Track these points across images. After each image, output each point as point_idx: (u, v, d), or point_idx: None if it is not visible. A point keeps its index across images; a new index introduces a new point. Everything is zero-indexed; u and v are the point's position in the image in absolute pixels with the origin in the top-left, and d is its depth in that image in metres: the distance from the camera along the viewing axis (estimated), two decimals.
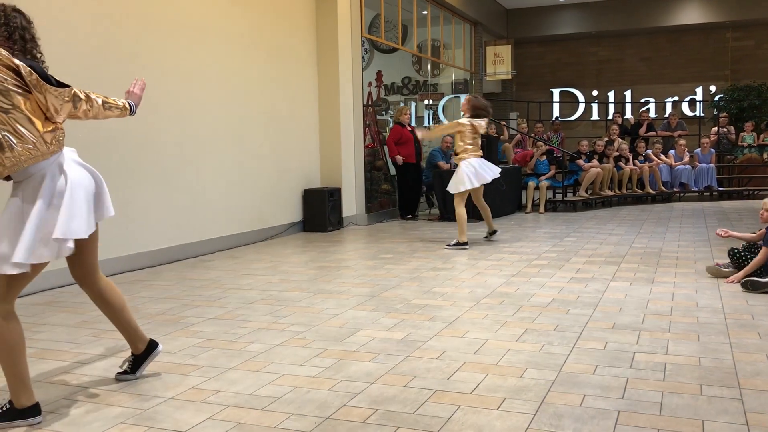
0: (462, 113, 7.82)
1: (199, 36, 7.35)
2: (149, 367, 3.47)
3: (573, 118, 17.99)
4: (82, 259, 3.15)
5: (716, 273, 5.59)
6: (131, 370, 3.39)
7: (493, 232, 8.04)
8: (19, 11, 2.95)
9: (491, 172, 7.61)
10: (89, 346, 3.97)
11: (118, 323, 3.33)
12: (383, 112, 13.67)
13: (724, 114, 14.74)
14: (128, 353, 3.50)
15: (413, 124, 11.08)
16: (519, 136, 13.44)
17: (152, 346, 3.43)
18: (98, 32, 6.11)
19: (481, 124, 7.63)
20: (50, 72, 2.90)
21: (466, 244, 7.47)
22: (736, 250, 5.53)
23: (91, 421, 2.87)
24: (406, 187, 10.69)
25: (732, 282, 5.31)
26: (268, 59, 8.48)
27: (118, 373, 3.39)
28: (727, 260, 5.63)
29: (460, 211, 7.51)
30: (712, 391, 3.06)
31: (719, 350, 3.67)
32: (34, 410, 2.87)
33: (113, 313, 3.30)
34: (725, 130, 14.35)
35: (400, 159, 10.39)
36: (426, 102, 14.81)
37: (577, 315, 4.47)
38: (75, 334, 4.24)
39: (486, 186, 7.83)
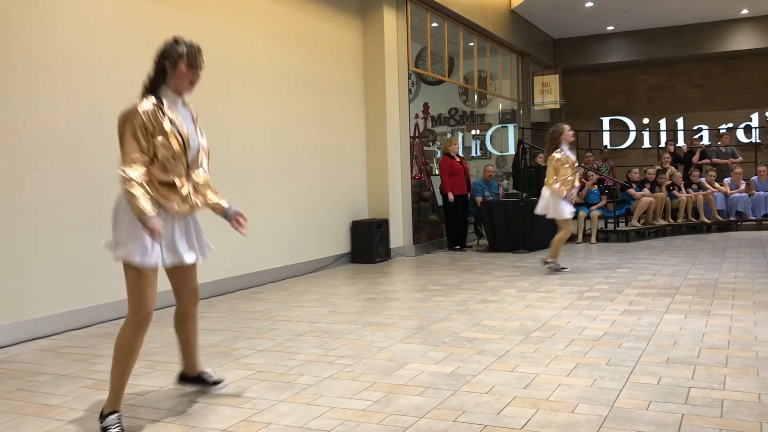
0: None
1: (248, 73, 7.55)
2: (202, 399, 3.55)
3: (624, 146, 17.74)
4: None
5: None
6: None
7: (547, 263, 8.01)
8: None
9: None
10: (144, 377, 4.07)
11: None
12: (430, 143, 13.73)
13: None
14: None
15: (461, 154, 11.09)
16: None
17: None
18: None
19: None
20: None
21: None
22: None
23: None
24: (453, 217, 10.67)
25: None
26: (316, 94, 8.64)
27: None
28: None
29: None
30: None
31: None
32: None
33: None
34: None
35: (451, 197, 10.39)
36: (473, 132, 14.84)
37: (630, 349, 4.39)
38: None
39: (535, 215, 8.08)
